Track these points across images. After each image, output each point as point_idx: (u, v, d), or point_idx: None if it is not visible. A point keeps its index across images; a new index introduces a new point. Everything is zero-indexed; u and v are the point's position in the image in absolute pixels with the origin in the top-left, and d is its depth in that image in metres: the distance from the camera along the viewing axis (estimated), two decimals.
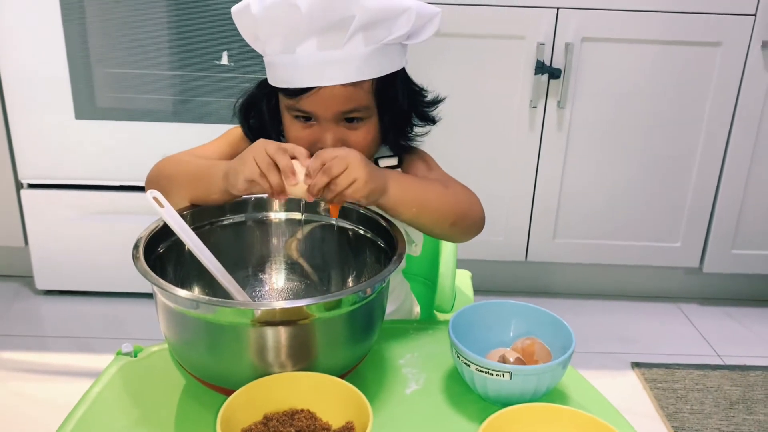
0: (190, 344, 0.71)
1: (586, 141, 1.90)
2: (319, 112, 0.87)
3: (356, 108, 0.88)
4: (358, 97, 0.87)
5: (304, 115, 0.89)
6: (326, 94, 0.86)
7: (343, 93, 0.86)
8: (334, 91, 0.85)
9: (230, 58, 1.77)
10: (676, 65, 1.83)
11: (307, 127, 0.90)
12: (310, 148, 0.90)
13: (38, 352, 1.77)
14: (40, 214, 1.91)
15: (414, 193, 0.85)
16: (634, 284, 2.15)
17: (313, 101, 0.86)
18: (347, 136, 0.90)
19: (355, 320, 0.72)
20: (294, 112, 0.89)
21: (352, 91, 0.86)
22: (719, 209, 1.97)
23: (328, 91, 0.85)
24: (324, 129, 0.89)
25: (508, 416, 0.66)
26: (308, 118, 0.89)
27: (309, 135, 0.90)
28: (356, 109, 0.88)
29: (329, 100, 0.86)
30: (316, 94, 0.86)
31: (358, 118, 0.89)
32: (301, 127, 0.90)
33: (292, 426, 0.65)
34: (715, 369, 1.78)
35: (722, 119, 1.88)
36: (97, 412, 0.73)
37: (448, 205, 0.88)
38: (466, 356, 0.73)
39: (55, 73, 1.79)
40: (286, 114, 0.91)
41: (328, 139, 0.88)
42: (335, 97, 0.86)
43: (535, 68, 1.80)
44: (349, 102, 0.87)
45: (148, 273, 0.69)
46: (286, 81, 0.87)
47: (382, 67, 0.87)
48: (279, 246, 0.90)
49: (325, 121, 0.88)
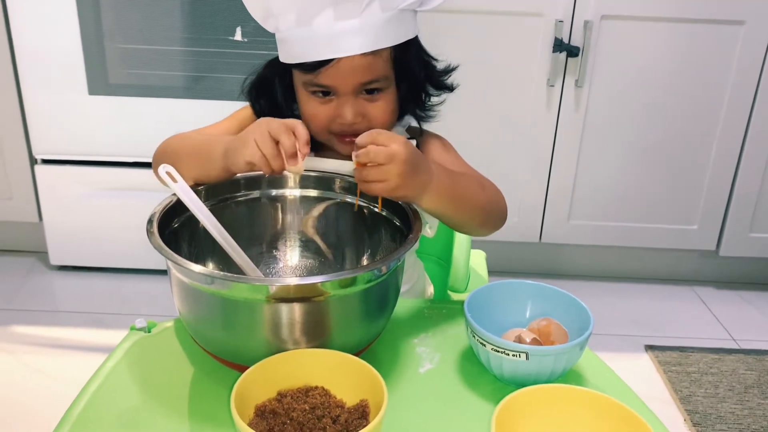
0: (205, 320, 0.71)
1: (604, 121, 1.87)
2: (338, 85, 0.86)
3: (376, 78, 0.87)
4: (377, 67, 0.86)
5: (323, 90, 0.88)
6: (346, 65, 0.84)
7: (363, 63, 0.84)
8: (354, 61, 0.84)
9: (244, 35, 1.76)
10: (698, 44, 1.79)
11: (325, 102, 0.88)
12: (329, 123, 0.90)
13: (52, 327, 1.78)
14: (54, 189, 1.92)
15: (450, 196, 0.82)
16: (649, 267, 2.13)
17: (333, 74, 0.85)
18: (367, 109, 0.89)
19: (369, 298, 0.72)
20: (312, 87, 0.88)
21: (371, 61, 0.85)
22: (737, 191, 1.94)
23: (347, 63, 0.84)
24: (343, 102, 0.87)
25: (524, 397, 0.65)
26: (326, 93, 0.88)
27: (327, 110, 0.88)
28: (376, 80, 0.87)
29: (349, 72, 0.85)
30: (335, 67, 0.84)
31: (377, 89, 0.88)
32: (318, 103, 0.88)
33: (306, 403, 0.64)
34: (730, 353, 1.77)
35: (743, 100, 1.85)
36: (110, 387, 0.73)
37: (481, 205, 0.87)
38: (482, 336, 0.72)
39: (68, 50, 1.78)
40: (302, 91, 0.90)
41: (348, 113, 0.87)
42: (355, 68, 0.84)
43: (553, 46, 1.77)
44: (369, 72, 0.86)
45: (162, 248, 0.68)
46: (303, 55, 0.85)
47: (398, 35, 0.86)
48: (293, 223, 0.89)
49: (345, 94, 0.87)
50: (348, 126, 0.89)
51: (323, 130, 0.91)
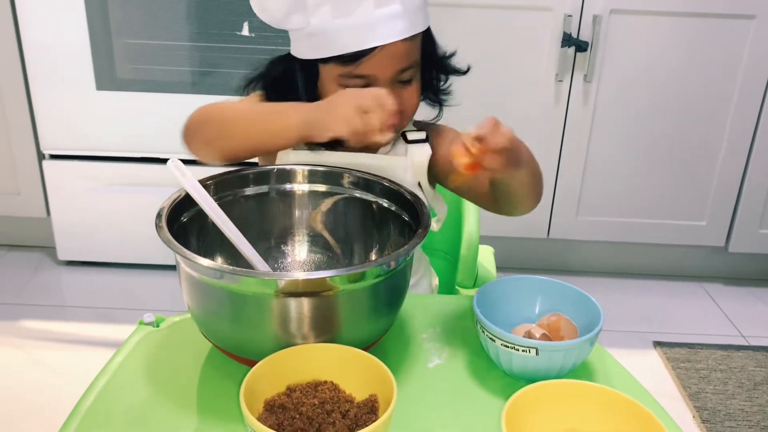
0: (214, 314, 0.71)
1: (613, 116, 1.86)
2: (379, 73, 0.86)
3: (411, 64, 0.87)
4: (413, 52, 0.87)
5: (359, 84, 0.86)
6: (387, 52, 0.84)
7: (403, 49, 0.85)
8: (395, 48, 0.84)
9: (251, 30, 1.75)
10: (707, 39, 1.78)
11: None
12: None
13: (60, 322, 1.79)
14: (62, 185, 1.92)
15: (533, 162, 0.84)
16: (658, 263, 2.12)
17: (374, 62, 0.84)
18: (400, 95, 0.87)
19: (378, 293, 0.71)
20: (349, 80, 0.86)
21: (409, 46, 0.86)
22: (747, 187, 1.93)
23: (389, 50, 0.84)
24: None
25: (534, 392, 0.65)
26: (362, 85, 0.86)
27: None
28: (411, 66, 0.88)
29: (390, 59, 0.85)
30: (377, 55, 0.84)
31: (407, 80, 0.89)
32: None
33: (315, 397, 0.64)
34: (739, 349, 1.76)
35: (753, 95, 1.83)
36: (119, 381, 0.73)
37: (541, 177, 0.88)
38: (492, 331, 0.72)
39: (75, 45, 1.78)
40: (332, 86, 0.88)
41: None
42: (396, 54, 0.85)
43: (562, 41, 1.76)
44: (408, 58, 0.86)
45: (171, 242, 0.68)
46: (344, 47, 0.84)
47: (427, 19, 0.88)
48: (302, 218, 0.89)
49: (383, 83, 0.86)
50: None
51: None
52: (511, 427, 0.60)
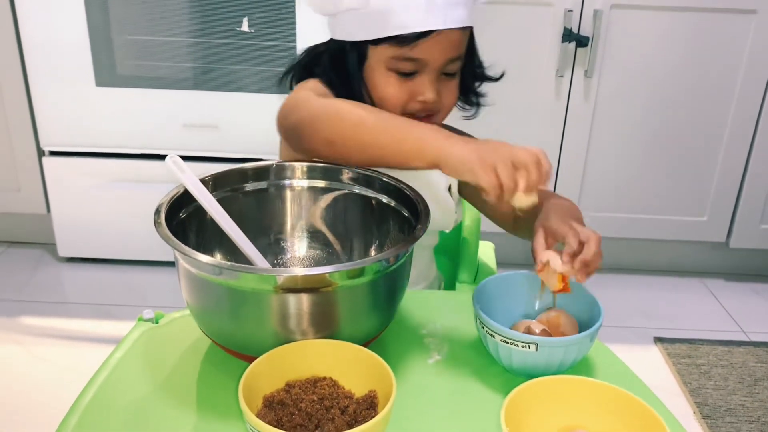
0: (212, 310, 0.70)
1: (613, 112, 1.86)
2: (431, 58, 0.86)
3: (460, 56, 0.89)
4: (464, 43, 0.88)
5: (408, 69, 0.87)
6: (444, 38, 0.85)
7: (458, 37, 0.86)
8: (452, 35, 0.85)
9: (250, 25, 1.75)
10: (708, 34, 1.78)
11: (404, 81, 0.88)
12: (405, 104, 0.90)
13: (61, 319, 1.79)
14: (62, 181, 1.92)
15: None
16: (659, 259, 2.12)
17: (430, 46, 0.85)
18: (442, 89, 0.90)
19: (378, 289, 0.71)
20: (399, 63, 0.87)
21: (462, 37, 0.87)
22: (748, 183, 1.93)
23: (446, 36, 0.85)
24: (426, 81, 0.88)
25: (534, 388, 0.64)
26: (407, 73, 0.88)
27: (407, 90, 0.89)
28: (459, 57, 0.89)
29: (446, 45, 0.86)
30: (435, 39, 0.84)
31: (452, 72, 0.90)
32: (398, 82, 0.88)
33: (314, 394, 0.64)
34: (740, 345, 1.76)
35: (755, 90, 1.83)
36: (118, 378, 0.73)
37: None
38: (491, 327, 0.72)
39: (75, 41, 1.78)
40: (379, 70, 0.89)
41: (431, 90, 0.88)
42: (452, 41, 0.86)
43: (562, 36, 1.75)
44: (459, 48, 0.88)
45: (170, 238, 0.68)
46: (404, 26, 0.84)
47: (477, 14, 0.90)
48: (301, 214, 0.89)
49: (432, 71, 0.87)
50: (426, 105, 0.89)
51: (398, 111, 0.90)
52: (511, 422, 0.60)
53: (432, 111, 0.91)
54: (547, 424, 0.64)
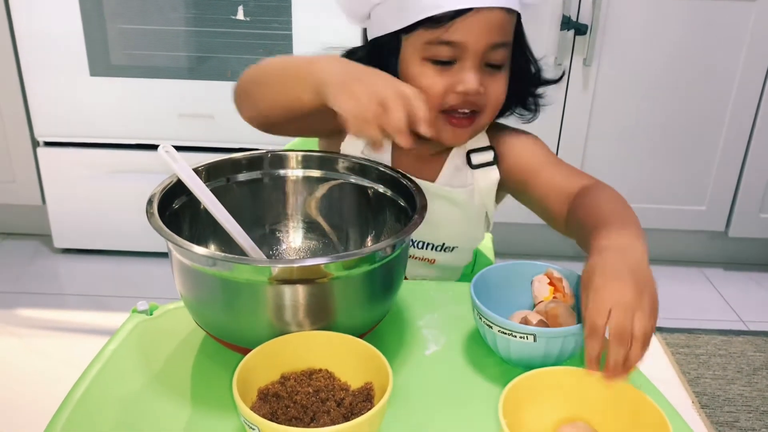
0: (206, 302, 0.70)
1: (612, 100, 1.85)
2: (470, 41, 0.78)
3: (505, 42, 0.81)
4: (508, 29, 0.81)
5: (446, 54, 0.80)
6: (483, 18, 0.78)
7: (499, 19, 0.79)
8: (491, 15, 0.78)
9: (246, 14, 1.73)
10: (708, 21, 1.76)
11: (443, 71, 0.81)
12: (445, 95, 0.83)
13: (56, 310, 1.78)
14: (57, 172, 1.91)
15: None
16: (658, 248, 2.11)
17: (468, 27, 0.78)
18: (488, 83, 0.82)
19: (374, 280, 0.70)
20: (435, 49, 0.80)
21: (506, 20, 0.80)
22: (747, 172, 1.92)
23: (485, 16, 0.78)
24: (465, 69, 0.80)
25: (532, 379, 0.64)
26: (446, 63, 0.81)
27: (445, 80, 0.82)
28: (504, 44, 0.81)
29: (485, 26, 0.78)
30: (472, 18, 0.77)
31: (498, 66, 0.83)
32: (435, 73, 0.81)
33: (309, 386, 0.63)
34: (739, 334, 1.75)
35: (755, 78, 1.82)
36: (112, 370, 0.72)
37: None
38: (489, 318, 0.71)
39: (69, 31, 1.76)
40: (416, 61, 0.82)
41: (472, 78, 0.80)
42: (492, 23, 0.78)
43: (561, 24, 1.74)
44: (502, 33, 0.80)
45: (162, 229, 0.67)
46: (437, 5, 0.77)
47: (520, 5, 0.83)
48: (297, 204, 0.88)
49: (471, 57, 0.80)
50: (468, 96, 0.82)
51: (436, 105, 0.83)
52: (509, 414, 0.59)
53: (476, 105, 0.84)
54: (544, 415, 0.64)
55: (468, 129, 0.86)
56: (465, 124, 0.86)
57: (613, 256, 0.66)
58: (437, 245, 0.95)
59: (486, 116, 0.87)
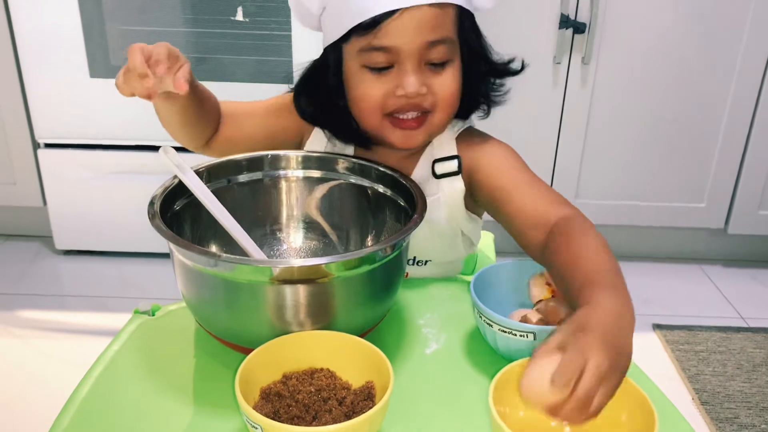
0: (208, 303, 0.70)
1: (611, 98, 1.85)
2: (402, 44, 0.77)
3: (442, 38, 0.78)
4: (444, 25, 0.78)
5: (381, 61, 0.79)
6: (410, 18, 0.76)
7: (429, 17, 0.77)
8: (420, 14, 0.76)
9: (245, 14, 1.73)
10: (706, 17, 1.76)
11: (381, 77, 0.80)
12: (385, 100, 0.81)
13: (58, 312, 1.78)
14: (58, 174, 1.91)
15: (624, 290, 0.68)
16: (657, 245, 2.12)
17: (396, 30, 0.76)
18: (431, 82, 0.80)
19: (374, 279, 0.71)
20: (370, 55, 0.78)
21: (438, 15, 0.77)
22: (746, 168, 1.92)
23: (412, 15, 0.76)
24: (405, 72, 0.79)
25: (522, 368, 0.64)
26: (383, 69, 0.79)
27: (384, 86, 0.80)
28: (441, 41, 0.78)
29: (414, 26, 0.76)
30: (398, 20, 0.76)
31: (441, 63, 0.80)
32: (373, 79, 0.80)
33: (311, 385, 0.64)
34: (738, 331, 1.76)
35: (753, 75, 1.82)
36: (114, 370, 0.73)
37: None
38: (489, 316, 0.71)
39: (68, 32, 1.76)
40: (354, 70, 0.81)
41: (411, 80, 0.78)
42: (422, 21, 0.76)
43: (559, 22, 1.74)
44: (436, 30, 0.77)
45: (163, 230, 0.67)
46: (362, 12, 0.76)
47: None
48: (297, 204, 0.88)
49: (408, 59, 0.78)
50: (409, 98, 0.80)
51: (378, 110, 0.82)
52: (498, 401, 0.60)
53: (421, 107, 0.82)
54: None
55: (419, 130, 0.83)
56: (413, 125, 0.83)
57: (606, 320, 0.62)
58: (408, 258, 0.88)
59: (439, 114, 0.84)
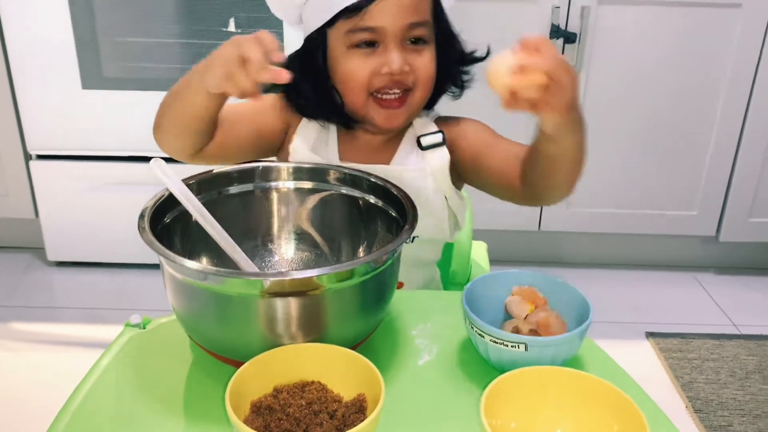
0: (199, 316, 0.70)
1: (602, 107, 1.86)
2: (386, 25, 0.85)
3: (422, 21, 0.87)
4: (423, 8, 0.87)
5: (367, 41, 0.86)
6: (395, 2, 0.84)
7: (409, 1, 0.85)
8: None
9: (237, 25, 1.74)
10: (695, 28, 1.78)
11: (368, 55, 0.87)
12: (372, 77, 0.88)
13: (50, 323, 1.78)
14: (50, 185, 1.91)
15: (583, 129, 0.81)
16: (649, 253, 2.12)
17: (380, 12, 0.84)
18: (413, 60, 0.88)
19: (366, 291, 0.71)
20: (356, 36, 0.86)
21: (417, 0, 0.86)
22: (737, 177, 1.93)
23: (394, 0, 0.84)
24: (390, 50, 0.86)
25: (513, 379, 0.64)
26: (370, 44, 0.87)
27: (371, 64, 0.87)
28: (422, 23, 0.87)
29: (397, 9, 0.85)
30: (384, 3, 0.84)
31: (422, 39, 0.88)
32: (360, 57, 0.87)
33: (302, 398, 0.63)
34: (731, 338, 1.76)
35: (742, 84, 1.83)
36: (105, 383, 0.72)
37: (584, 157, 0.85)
38: (481, 327, 0.71)
39: (60, 44, 1.76)
40: (341, 50, 0.88)
41: (396, 58, 0.86)
42: (403, 4, 0.85)
43: (550, 32, 1.75)
44: (416, 12, 0.86)
45: (154, 244, 0.67)
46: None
47: None
48: (288, 216, 0.88)
49: (392, 38, 0.86)
50: (394, 76, 0.87)
51: (364, 89, 0.89)
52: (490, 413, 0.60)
53: (405, 84, 0.89)
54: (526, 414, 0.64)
55: (401, 109, 0.90)
56: (395, 104, 0.89)
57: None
58: None
59: (419, 92, 0.91)
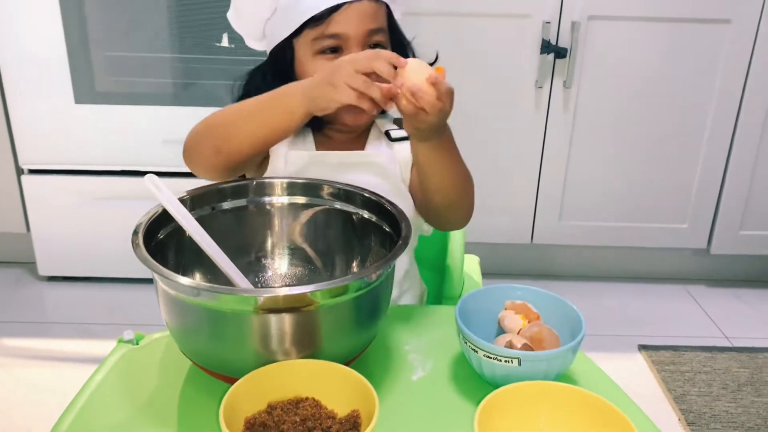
0: (192, 332, 0.70)
1: (593, 121, 1.87)
2: (349, 30, 0.91)
3: (380, 27, 0.93)
4: (380, 16, 0.94)
5: (332, 45, 0.92)
6: (356, 10, 0.91)
7: (369, 9, 0.92)
8: (362, 7, 0.91)
9: (231, 40, 1.75)
10: (685, 43, 1.80)
11: (333, 59, 0.90)
12: None
13: (41, 339, 1.76)
14: (42, 200, 1.90)
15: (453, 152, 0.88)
16: (641, 266, 2.13)
17: (344, 19, 0.90)
18: None
19: (360, 306, 0.71)
20: (322, 42, 0.91)
21: (375, 8, 0.93)
22: (727, 189, 1.95)
23: (356, 8, 0.91)
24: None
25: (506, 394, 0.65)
26: (334, 50, 0.92)
27: None
28: (380, 30, 0.94)
29: (359, 16, 0.91)
30: (346, 11, 0.90)
31: (380, 45, 0.94)
32: (327, 61, 0.91)
33: (296, 414, 0.63)
34: (723, 351, 1.77)
35: (731, 98, 1.85)
36: (98, 400, 0.72)
37: (465, 179, 0.91)
38: (474, 342, 0.72)
39: (53, 58, 1.77)
40: (308, 57, 0.93)
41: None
42: (364, 12, 0.91)
43: (541, 47, 1.77)
44: (375, 19, 0.93)
45: (147, 260, 0.67)
46: (315, 6, 0.90)
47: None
48: (282, 231, 0.88)
49: (354, 44, 0.92)
50: None
51: None
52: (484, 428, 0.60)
53: None
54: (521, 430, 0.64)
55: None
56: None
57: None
58: None
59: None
